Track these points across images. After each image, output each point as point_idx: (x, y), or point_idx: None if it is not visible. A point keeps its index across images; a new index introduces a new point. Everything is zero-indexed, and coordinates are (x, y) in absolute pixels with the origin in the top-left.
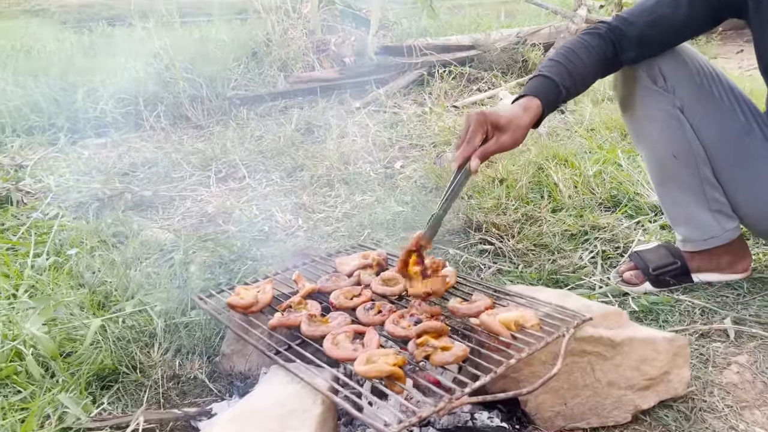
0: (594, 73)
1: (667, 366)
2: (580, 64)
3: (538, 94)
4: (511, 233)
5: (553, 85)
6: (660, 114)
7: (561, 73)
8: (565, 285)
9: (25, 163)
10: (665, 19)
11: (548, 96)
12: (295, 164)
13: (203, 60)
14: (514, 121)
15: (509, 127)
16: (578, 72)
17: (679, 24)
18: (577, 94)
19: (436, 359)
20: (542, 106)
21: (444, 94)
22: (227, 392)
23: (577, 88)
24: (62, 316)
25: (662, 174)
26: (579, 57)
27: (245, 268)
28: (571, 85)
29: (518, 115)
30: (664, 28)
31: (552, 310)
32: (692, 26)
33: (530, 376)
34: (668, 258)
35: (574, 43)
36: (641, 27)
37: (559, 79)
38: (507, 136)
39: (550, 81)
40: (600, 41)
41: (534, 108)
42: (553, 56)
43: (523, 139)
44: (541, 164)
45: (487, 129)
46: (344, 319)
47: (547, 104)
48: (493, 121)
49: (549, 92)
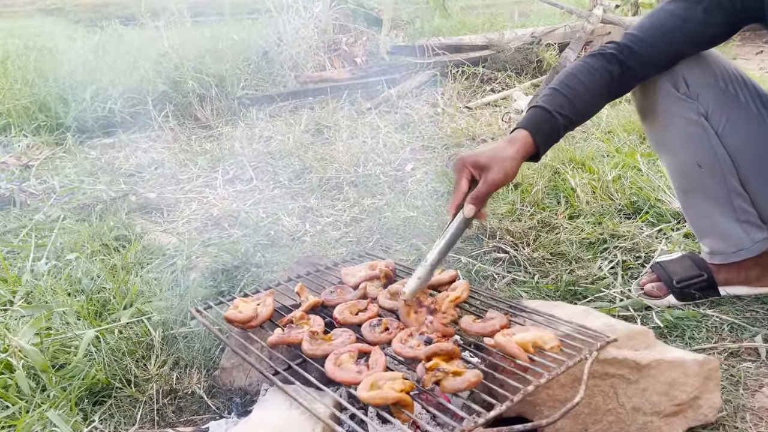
0: (599, 95)
1: (697, 391)
2: (581, 89)
3: (527, 126)
4: (526, 241)
5: (545, 114)
6: (683, 121)
7: (557, 102)
8: (584, 297)
9: (30, 164)
10: (677, 31)
11: (539, 126)
12: (304, 166)
13: (213, 59)
14: (497, 155)
15: (493, 163)
16: (579, 98)
17: (693, 35)
18: (582, 118)
19: (447, 385)
20: (532, 137)
21: (457, 95)
22: (225, 409)
23: (579, 115)
24: (57, 325)
25: (686, 184)
26: (580, 81)
27: (248, 275)
28: (571, 113)
29: (501, 148)
30: (678, 41)
31: (572, 329)
32: (707, 36)
33: (548, 399)
34: (694, 270)
35: (576, 66)
36: (652, 42)
37: (554, 107)
38: (494, 172)
39: (543, 110)
40: (603, 62)
41: (520, 139)
42: (552, 84)
43: (515, 171)
44: (557, 168)
45: (470, 171)
46: (348, 336)
47: (540, 134)
48: (473, 162)
49: (540, 122)
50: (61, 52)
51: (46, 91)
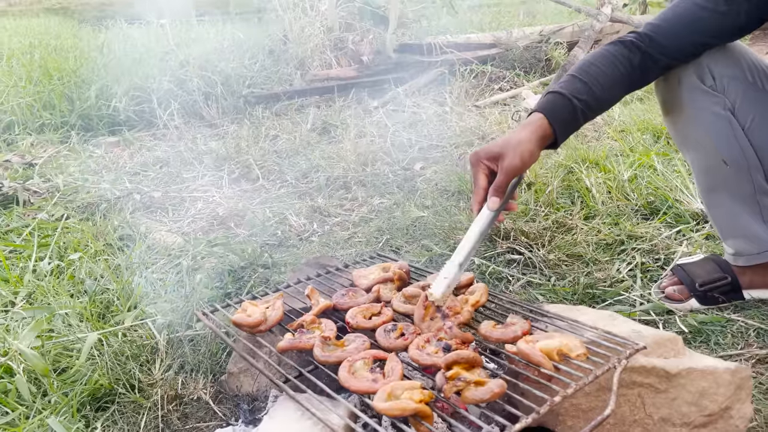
0: (619, 83)
1: (728, 401)
2: (600, 75)
3: (542, 109)
4: (541, 242)
5: (561, 99)
6: (708, 116)
7: (574, 87)
8: (602, 300)
9: (34, 162)
10: (700, 22)
11: (555, 110)
12: (311, 165)
13: (219, 57)
14: (510, 142)
15: (507, 150)
16: (598, 83)
17: (716, 26)
18: (602, 105)
19: (469, 396)
20: (547, 120)
21: (465, 94)
22: (233, 416)
23: (598, 102)
24: (59, 328)
25: (711, 181)
26: (598, 68)
27: (255, 276)
28: (590, 98)
29: (514, 134)
30: (700, 31)
31: (598, 336)
32: (731, 27)
33: (571, 409)
34: (717, 272)
35: (595, 54)
36: (674, 32)
37: (570, 92)
38: (509, 158)
39: (559, 95)
40: (624, 50)
41: (535, 122)
42: (570, 71)
43: (532, 154)
44: (571, 167)
45: (486, 165)
46: (362, 342)
47: (556, 119)
48: (487, 154)
49: (556, 107)
50: (66, 50)
51: (51, 89)
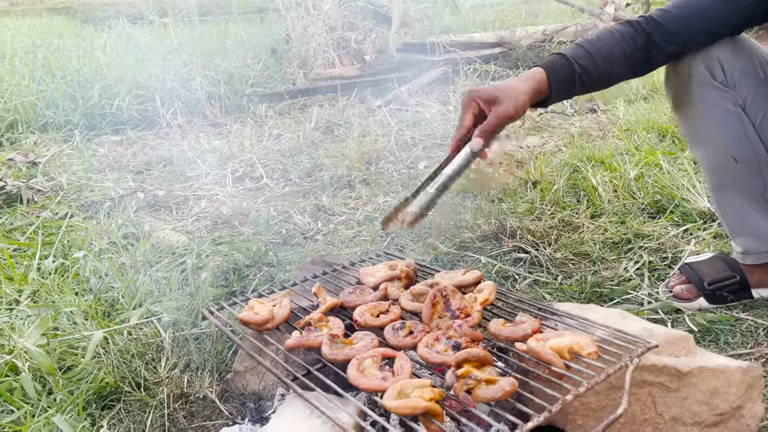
0: (622, 60)
1: (740, 400)
2: (604, 48)
3: (544, 66)
4: (547, 241)
5: (562, 60)
6: (719, 112)
7: (577, 53)
8: (610, 299)
9: (38, 160)
10: (711, 10)
11: (555, 68)
12: (315, 164)
13: (222, 57)
14: (508, 89)
15: (504, 96)
16: (600, 55)
17: (725, 15)
18: (602, 77)
19: (480, 395)
20: (546, 76)
21: None
22: (239, 414)
23: (599, 73)
24: (64, 326)
25: (720, 179)
26: (603, 42)
27: (260, 275)
28: (590, 65)
29: (512, 83)
30: (710, 19)
31: (609, 334)
32: (740, 18)
33: (580, 407)
34: (726, 271)
35: (602, 31)
36: (683, 17)
37: (572, 54)
38: (505, 105)
39: (561, 57)
40: (630, 29)
41: (534, 75)
42: (578, 41)
43: (525, 106)
44: (577, 166)
45: (478, 105)
46: (370, 340)
47: (555, 76)
48: (483, 96)
49: (556, 65)
50: (69, 50)
51: (54, 87)
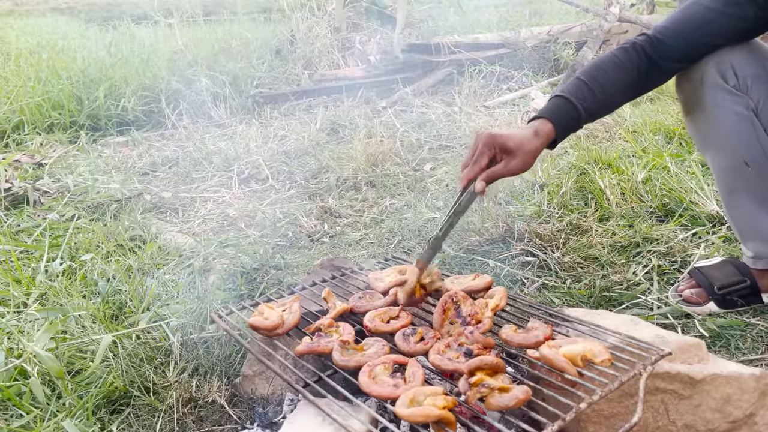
0: (624, 90)
1: (753, 407)
2: (608, 84)
3: (552, 117)
4: (555, 244)
5: (570, 108)
6: (731, 116)
7: (582, 95)
8: (619, 303)
9: (44, 162)
10: (712, 25)
11: (563, 119)
12: (320, 165)
13: (226, 58)
14: (524, 146)
15: (518, 152)
16: (602, 89)
17: (726, 28)
18: (602, 114)
19: (493, 403)
20: (555, 130)
21: (474, 94)
22: (248, 419)
23: (601, 109)
24: (72, 329)
25: (731, 183)
26: (606, 74)
27: (268, 278)
28: (594, 107)
29: (528, 140)
30: (712, 33)
31: (621, 341)
32: (742, 30)
33: (592, 414)
34: (736, 276)
35: (605, 59)
36: (685, 33)
37: (578, 100)
38: (516, 161)
39: (568, 103)
40: (633, 56)
41: (546, 132)
42: (579, 74)
43: (533, 163)
44: (584, 169)
45: (495, 151)
46: (381, 347)
47: (562, 128)
48: (502, 144)
49: (565, 115)
50: (74, 50)
51: (59, 88)
